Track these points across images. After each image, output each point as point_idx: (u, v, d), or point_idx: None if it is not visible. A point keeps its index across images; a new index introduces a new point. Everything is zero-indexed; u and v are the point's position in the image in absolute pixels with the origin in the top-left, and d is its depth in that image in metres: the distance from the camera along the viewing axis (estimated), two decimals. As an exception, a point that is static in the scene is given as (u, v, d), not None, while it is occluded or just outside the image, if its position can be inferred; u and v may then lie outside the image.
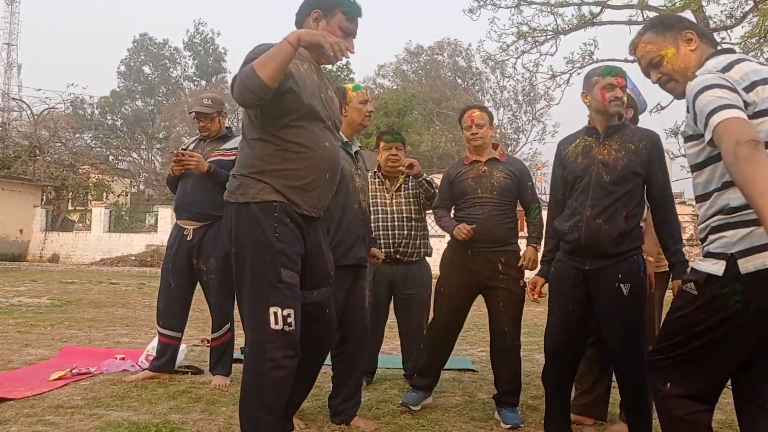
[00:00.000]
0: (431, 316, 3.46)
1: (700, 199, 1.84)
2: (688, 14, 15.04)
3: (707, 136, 1.67)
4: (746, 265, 1.67)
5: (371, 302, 3.78)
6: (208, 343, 4.13)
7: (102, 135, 37.40)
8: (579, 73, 15.40)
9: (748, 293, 1.66)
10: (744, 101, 1.68)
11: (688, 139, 1.84)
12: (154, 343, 4.00)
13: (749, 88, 1.71)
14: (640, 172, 2.61)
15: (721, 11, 15.34)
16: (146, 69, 42.36)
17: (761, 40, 13.92)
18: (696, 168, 1.82)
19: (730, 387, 1.91)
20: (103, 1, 77.09)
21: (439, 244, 4.45)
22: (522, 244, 3.25)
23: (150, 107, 41.71)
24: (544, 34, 15.77)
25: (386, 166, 3.89)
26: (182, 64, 43.04)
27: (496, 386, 3.25)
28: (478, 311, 8.90)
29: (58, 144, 27.14)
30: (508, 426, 3.01)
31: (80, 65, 66.12)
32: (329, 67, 36.02)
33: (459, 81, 37.19)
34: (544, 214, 3.07)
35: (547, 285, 2.88)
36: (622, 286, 2.54)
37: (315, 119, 2.24)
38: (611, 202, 2.60)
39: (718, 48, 1.92)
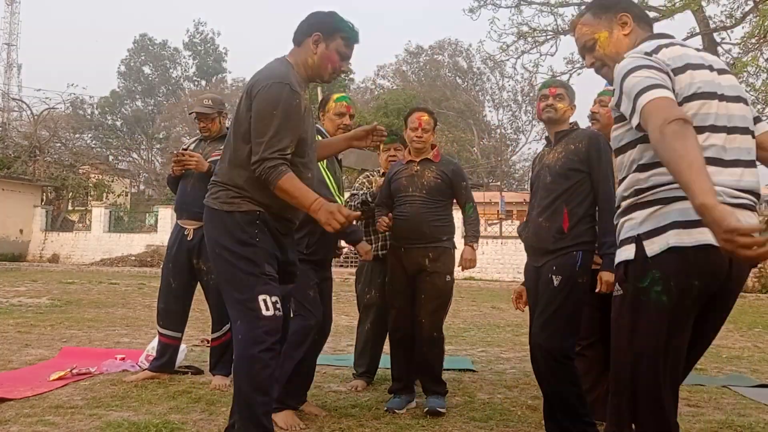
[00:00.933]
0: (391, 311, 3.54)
1: (619, 183, 1.79)
2: (687, 14, 15.07)
3: (635, 120, 1.62)
4: (652, 247, 1.62)
5: (379, 302, 3.78)
6: (208, 343, 4.13)
7: (102, 135, 37.42)
8: (579, 74, 15.43)
9: (666, 280, 1.60)
10: (671, 79, 1.64)
11: (615, 120, 1.79)
12: (154, 343, 4.00)
13: (680, 70, 1.67)
14: (580, 169, 2.71)
15: (721, 11, 15.33)
16: (146, 69, 42.39)
17: (761, 40, 13.92)
18: (619, 152, 1.76)
19: (730, 386, 1.91)
20: (103, 2, 77.11)
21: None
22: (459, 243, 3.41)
23: (150, 107, 41.74)
24: (544, 34, 15.78)
25: (386, 168, 3.91)
26: (182, 64, 43.09)
27: (419, 377, 3.39)
28: (478, 312, 8.93)
29: (58, 144, 27.15)
30: (426, 409, 3.16)
31: (80, 65, 66.18)
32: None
33: (459, 81, 37.20)
34: None
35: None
36: (553, 277, 2.65)
37: (307, 152, 2.38)
38: (551, 201, 2.72)
39: (655, 33, 1.86)
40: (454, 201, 3.52)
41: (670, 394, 1.68)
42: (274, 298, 2.24)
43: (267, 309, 2.22)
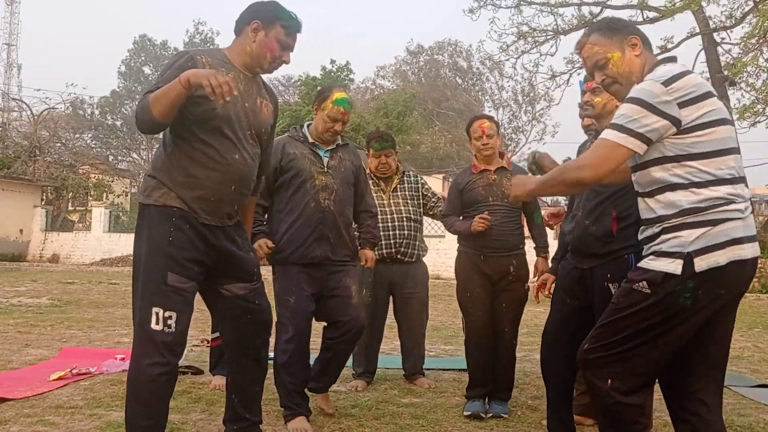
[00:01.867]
0: (465, 319, 3.45)
1: (645, 195, 1.94)
2: (687, 14, 15.06)
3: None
4: (701, 264, 1.78)
5: (371, 302, 3.79)
6: (208, 343, 4.14)
7: (102, 135, 37.41)
8: (579, 73, 15.38)
9: (698, 290, 1.78)
10: (674, 117, 1.80)
11: None
12: (154, 343, 4.00)
13: (703, 97, 1.82)
14: None
15: (721, 11, 15.34)
16: (146, 69, 42.37)
17: (761, 40, 13.92)
18: (638, 168, 1.92)
19: (730, 386, 1.97)
20: (104, 2, 77.10)
21: (439, 244, 4.44)
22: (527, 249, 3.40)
23: (150, 107, 41.61)
24: (544, 34, 15.79)
25: (377, 173, 3.91)
26: (182, 64, 42.99)
27: (492, 382, 3.33)
28: (478, 311, 8.82)
29: (58, 144, 27.14)
30: (490, 414, 3.16)
31: (80, 65, 66.17)
32: (328, 67, 35.51)
33: (459, 81, 37.20)
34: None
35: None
36: (610, 285, 2.54)
37: (229, 129, 2.26)
38: (599, 202, 2.60)
39: (666, 57, 2.01)
40: None
41: (651, 387, 1.95)
42: (168, 313, 2.14)
43: (157, 323, 2.13)
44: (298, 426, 2.86)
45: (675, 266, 1.80)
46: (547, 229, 3.61)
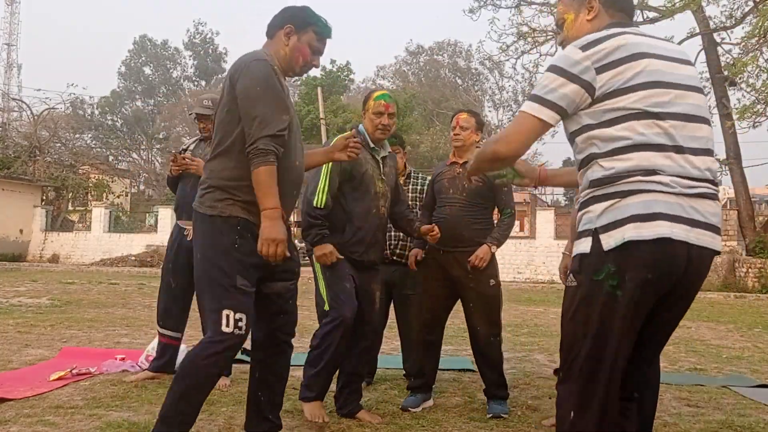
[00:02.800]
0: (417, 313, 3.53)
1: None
2: (688, 14, 15.06)
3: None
4: (608, 241, 1.61)
5: None
6: (208, 343, 4.12)
7: (102, 135, 37.43)
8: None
9: (622, 274, 1.60)
10: (590, 83, 1.66)
11: None
12: (154, 343, 4.00)
13: (623, 61, 1.65)
14: None
15: (721, 11, 15.32)
16: (146, 69, 42.38)
17: (761, 41, 13.92)
18: (571, 143, 1.80)
19: (730, 386, 1.90)
20: (104, 2, 77.09)
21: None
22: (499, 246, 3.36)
23: (150, 107, 41.75)
24: (544, 34, 15.77)
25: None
26: (182, 64, 43.08)
27: (483, 381, 3.37)
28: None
29: (58, 144, 27.16)
30: (490, 415, 3.14)
31: (80, 65, 66.17)
32: (328, 67, 35.45)
33: (459, 81, 37.19)
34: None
35: None
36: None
37: (292, 136, 2.32)
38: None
39: (614, 21, 1.84)
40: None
41: (616, 382, 1.68)
42: (238, 315, 2.18)
43: (227, 325, 2.16)
44: (315, 412, 2.93)
45: (585, 246, 1.66)
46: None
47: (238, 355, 4.06)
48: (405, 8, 79.44)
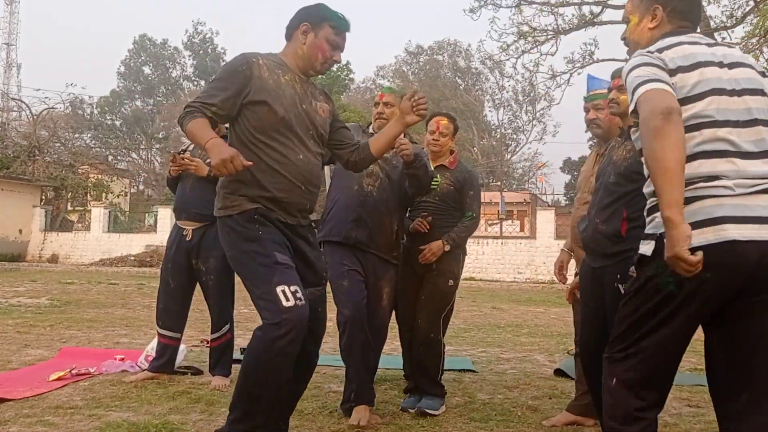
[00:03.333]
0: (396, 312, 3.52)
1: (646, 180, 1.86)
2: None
3: (636, 115, 1.72)
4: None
5: None
6: (208, 343, 4.12)
7: (101, 135, 37.41)
8: (579, 73, 15.41)
9: (680, 274, 1.63)
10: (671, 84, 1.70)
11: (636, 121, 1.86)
12: (154, 343, 3.99)
13: (686, 69, 1.72)
14: (645, 173, 2.53)
15: (722, 11, 15.33)
16: (146, 69, 42.36)
17: (761, 40, 13.92)
18: (641, 152, 1.80)
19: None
20: (103, 2, 77.09)
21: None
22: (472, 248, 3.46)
23: (149, 107, 41.73)
24: (545, 33, 15.77)
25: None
26: (181, 64, 43.07)
27: (417, 377, 3.36)
28: (478, 312, 8.92)
29: (58, 144, 27.14)
30: (415, 410, 3.12)
31: (80, 65, 66.17)
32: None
33: (459, 81, 37.20)
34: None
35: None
36: (620, 286, 2.49)
37: (290, 132, 2.32)
38: (611, 202, 2.55)
39: (674, 30, 1.88)
40: None
41: (664, 382, 1.83)
42: (293, 287, 2.15)
43: (287, 300, 2.12)
44: (357, 416, 2.91)
45: (648, 248, 1.75)
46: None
47: (238, 356, 4.08)
48: (405, 7, 79.46)
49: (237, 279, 2.83)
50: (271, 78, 2.31)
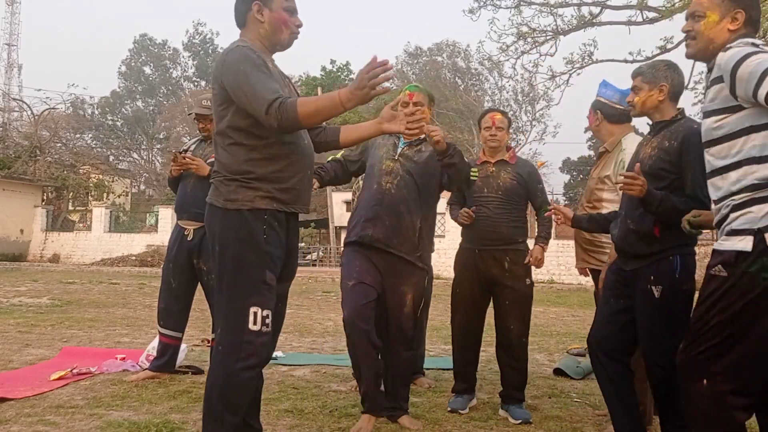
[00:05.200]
0: (452, 315, 3.51)
1: (715, 174, 1.85)
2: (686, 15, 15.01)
3: (761, 95, 1.67)
4: None
5: None
6: (209, 343, 4.14)
7: (102, 135, 37.45)
8: (579, 74, 15.38)
9: None
10: None
11: (712, 113, 1.85)
12: (155, 343, 4.01)
13: None
14: (671, 170, 2.42)
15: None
16: (147, 69, 42.38)
17: (761, 40, 13.87)
18: (720, 141, 1.82)
19: None
20: (104, 2, 77.13)
21: (438, 244, 4.45)
22: (531, 244, 3.39)
23: (150, 107, 41.76)
24: (544, 34, 15.74)
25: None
26: (182, 64, 43.09)
27: (502, 383, 3.33)
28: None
29: (59, 144, 27.17)
30: (519, 421, 3.07)
31: (81, 65, 66.18)
32: (328, 67, 35.43)
33: (458, 82, 37.19)
34: None
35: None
36: (653, 288, 2.42)
37: None
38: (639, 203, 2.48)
39: (749, 33, 1.94)
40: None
41: (759, 384, 1.77)
42: (266, 312, 2.07)
43: (254, 323, 2.04)
44: (359, 425, 2.86)
45: (745, 243, 1.73)
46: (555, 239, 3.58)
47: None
48: (405, 6, 79.41)
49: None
50: (271, 65, 2.22)
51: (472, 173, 3.03)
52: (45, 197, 23.76)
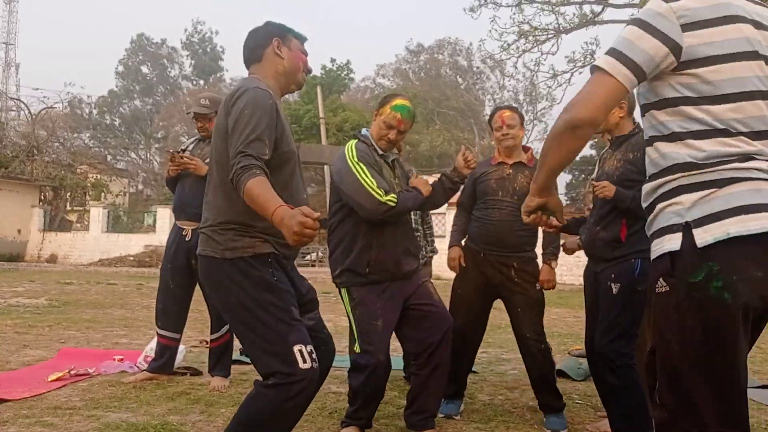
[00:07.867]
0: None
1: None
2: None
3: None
4: (704, 236, 1.33)
5: None
6: (207, 344, 4.11)
7: (100, 135, 37.43)
8: (581, 72, 15.39)
9: (728, 273, 1.30)
10: (674, 41, 1.39)
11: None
12: (153, 344, 3.98)
13: (717, 23, 1.39)
14: (639, 180, 2.47)
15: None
16: (144, 69, 42.34)
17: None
18: (642, 113, 1.55)
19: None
20: (102, 1, 77.03)
21: (438, 244, 4.41)
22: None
23: (148, 107, 41.72)
24: (546, 33, 15.74)
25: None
26: (180, 63, 43.06)
27: (534, 393, 3.20)
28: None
29: (56, 144, 27.11)
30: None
31: (78, 65, 66.11)
32: (329, 66, 35.37)
33: (459, 80, 37.19)
34: None
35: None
36: (612, 285, 2.63)
37: (297, 166, 2.21)
38: (609, 210, 2.69)
39: None
40: None
41: (731, 414, 1.46)
42: (309, 348, 2.00)
43: (304, 361, 1.95)
44: None
45: (674, 242, 1.37)
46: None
47: (237, 356, 4.06)
48: (405, 6, 79.46)
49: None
50: (282, 114, 2.12)
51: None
52: (42, 197, 23.70)
